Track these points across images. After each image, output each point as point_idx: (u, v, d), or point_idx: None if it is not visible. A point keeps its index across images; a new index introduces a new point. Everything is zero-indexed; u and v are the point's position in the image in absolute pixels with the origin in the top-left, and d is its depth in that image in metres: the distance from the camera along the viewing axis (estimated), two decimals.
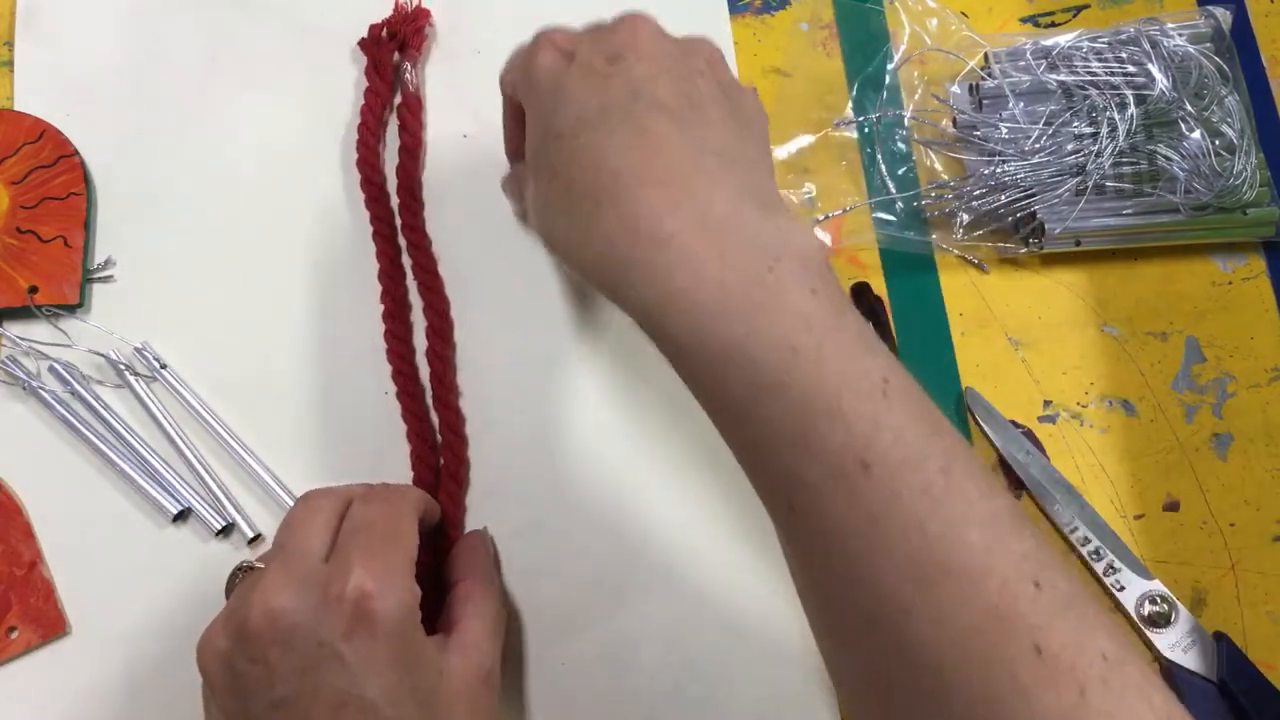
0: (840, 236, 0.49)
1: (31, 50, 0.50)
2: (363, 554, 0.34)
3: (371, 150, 0.48)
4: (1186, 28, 0.49)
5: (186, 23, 0.51)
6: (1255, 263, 0.49)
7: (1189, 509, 0.46)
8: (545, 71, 0.36)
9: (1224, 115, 0.48)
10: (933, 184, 0.49)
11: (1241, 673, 0.42)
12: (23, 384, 0.45)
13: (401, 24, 0.50)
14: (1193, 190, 0.47)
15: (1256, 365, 0.48)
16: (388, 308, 0.46)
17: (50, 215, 0.47)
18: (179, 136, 0.49)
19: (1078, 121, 0.48)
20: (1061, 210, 0.47)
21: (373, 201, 0.48)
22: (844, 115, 0.50)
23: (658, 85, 0.34)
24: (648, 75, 0.34)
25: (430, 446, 0.45)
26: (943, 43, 0.51)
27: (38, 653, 0.42)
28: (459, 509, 0.44)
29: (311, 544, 0.35)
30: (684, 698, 0.42)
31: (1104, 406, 0.47)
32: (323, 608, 0.33)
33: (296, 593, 0.33)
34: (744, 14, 0.52)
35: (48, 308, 0.46)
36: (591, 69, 0.34)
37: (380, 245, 0.47)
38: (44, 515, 0.44)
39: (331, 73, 0.50)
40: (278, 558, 0.35)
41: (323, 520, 0.36)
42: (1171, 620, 0.44)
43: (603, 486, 0.45)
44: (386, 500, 0.38)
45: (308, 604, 0.33)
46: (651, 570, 0.44)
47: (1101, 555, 0.44)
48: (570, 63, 0.35)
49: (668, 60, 0.35)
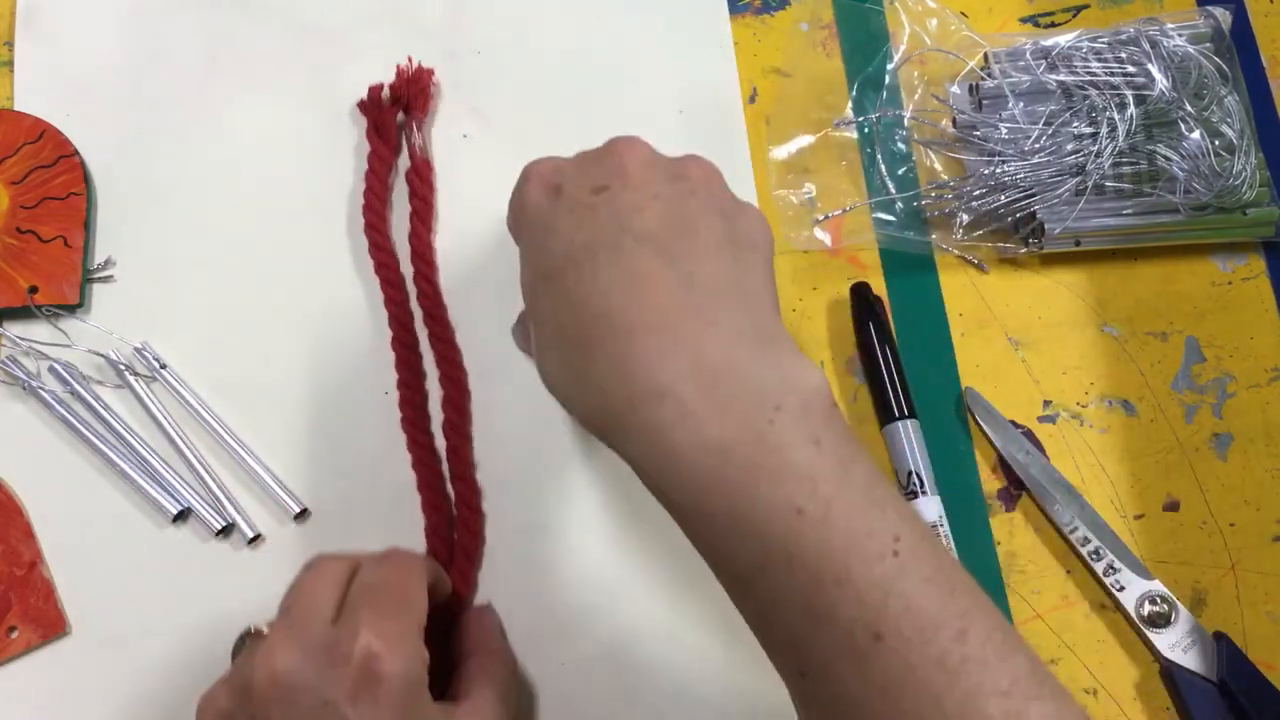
0: (840, 236, 0.49)
1: (31, 50, 0.50)
2: (372, 615, 0.34)
3: (379, 216, 0.47)
4: (1186, 28, 0.49)
5: (186, 23, 0.51)
6: (1255, 263, 0.49)
7: (1189, 509, 0.46)
8: (533, 209, 0.34)
9: (1224, 115, 0.48)
10: (933, 184, 0.49)
11: (1241, 673, 0.42)
12: (23, 384, 0.45)
13: (404, 87, 0.49)
14: (1193, 190, 0.47)
15: (1256, 365, 0.48)
16: (402, 377, 0.45)
17: (50, 215, 0.47)
18: (179, 136, 0.49)
19: (1077, 121, 0.48)
20: (1061, 210, 0.47)
21: (383, 268, 0.46)
22: (844, 115, 0.50)
23: (645, 214, 0.32)
24: (634, 204, 0.32)
25: (445, 520, 0.43)
26: (943, 43, 0.51)
27: (38, 653, 0.42)
28: (469, 585, 0.43)
29: (319, 606, 0.34)
30: (684, 697, 0.42)
31: (1104, 406, 0.47)
32: (328, 669, 0.32)
33: (302, 652, 0.33)
34: (744, 14, 0.52)
35: (48, 308, 0.46)
36: (577, 203, 0.33)
37: (392, 311, 0.46)
38: (44, 515, 0.44)
39: (332, 73, 0.50)
40: (284, 620, 0.34)
41: (330, 582, 0.35)
42: (1171, 620, 0.44)
43: (603, 486, 0.45)
44: (397, 564, 0.37)
45: (313, 664, 0.32)
46: (652, 570, 0.44)
47: (1101, 555, 0.44)
48: (557, 197, 0.34)
49: (656, 184, 0.33)
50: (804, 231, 0.49)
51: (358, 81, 0.50)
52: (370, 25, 0.51)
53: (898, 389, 0.45)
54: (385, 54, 0.51)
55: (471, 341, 0.46)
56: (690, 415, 0.29)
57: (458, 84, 0.50)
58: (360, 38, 0.51)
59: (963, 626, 0.28)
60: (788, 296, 0.48)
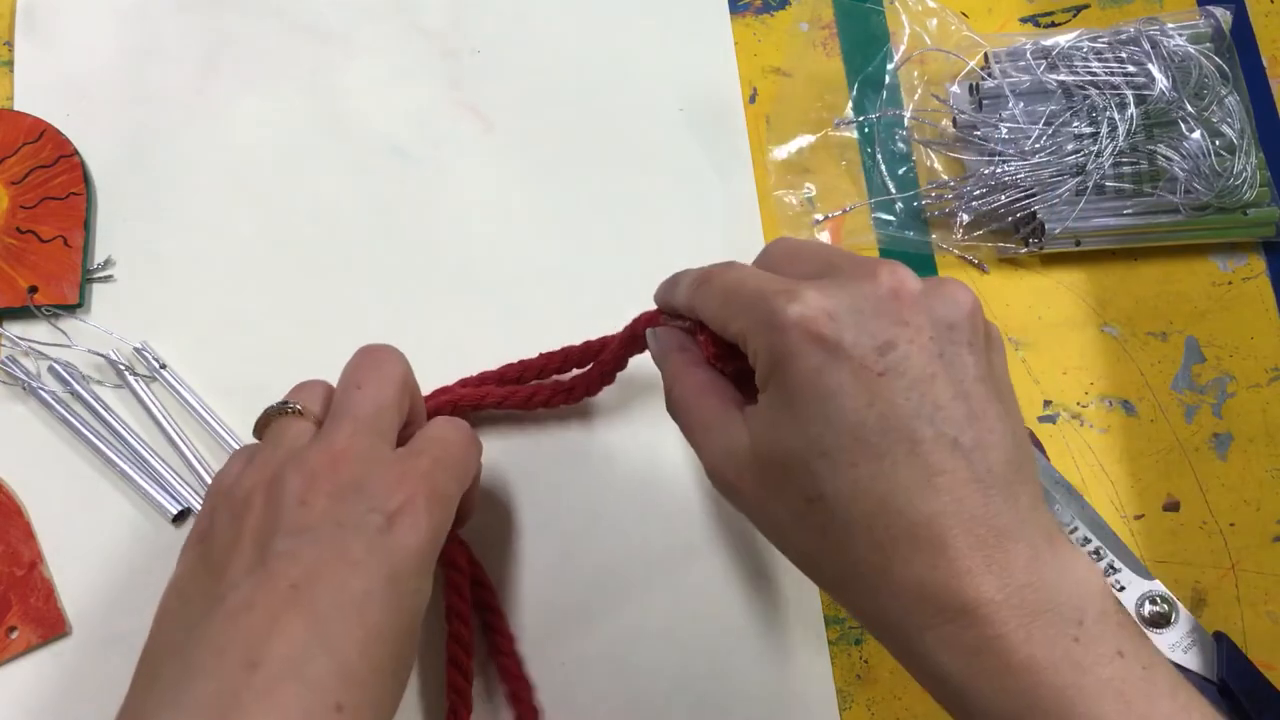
0: (840, 236, 0.49)
1: (31, 50, 0.50)
2: (437, 469, 0.34)
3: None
4: (1186, 28, 0.49)
5: (186, 22, 0.51)
6: (1255, 263, 0.49)
7: (1189, 509, 0.46)
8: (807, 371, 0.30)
9: (1224, 115, 0.48)
10: (933, 184, 0.49)
11: (1241, 673, 0.42)
12: (23, 384, 0.45)
13: None
14: (1193, 190, 0.47)
15: (1256, 365, 0.48)
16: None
17: (50, 215, 0.47)
18: (179, 137, 0.49)
19: (1078, 121, 0.48)
20: (1061, 210, 0.47)
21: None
22: (844, 115, 0.50)
23: (936, 389, 0.29)
24: (923, 376, 0.29)
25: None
26: (943, 43, 0.51)
27: (38, 653, 0.42)
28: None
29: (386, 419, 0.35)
30: (684, 697, 0.42)
31: (1104, 406, 0.47)
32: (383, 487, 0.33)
33: (368, 459, 0.34)
34: (744, 14, 0.52)
35: (48, 308, 0.46)
36: (863, 369, 0.29)
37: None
38: (44, 515, 0.44)
39: (332, 73, 0.50)
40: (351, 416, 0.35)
41: (397, 395, 0.36)
42: (1171, 620, 0.43)
43: (604, 485, 0.45)
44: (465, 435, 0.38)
45: (372, 468, 0.33)
46: (653, 570, 0.44)
47: (1102, 555, 0.44)
48: (836, 357, 0.29)
49: (937, 340, 0.30)
50: (804, 232, 0.49)
51: (358, 81, 0.50)
52: (370, 25, 0.51)
53: None
54: (385, 54, 0.51)
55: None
56: (1000, 637, 0.28)
57: (458, 84, 0.51)
58: (360, 38, 0.51)
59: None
60: None
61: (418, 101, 0.50)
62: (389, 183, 0.49)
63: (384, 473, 0.34)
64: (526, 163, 0.50)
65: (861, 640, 0.44)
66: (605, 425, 0.46)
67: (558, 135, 0.50)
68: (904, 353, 0.29)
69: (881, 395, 0.29)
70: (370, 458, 0.34)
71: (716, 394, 0.34)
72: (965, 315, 0.31)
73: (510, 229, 0.48)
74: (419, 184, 0.49)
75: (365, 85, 0.50)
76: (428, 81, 0.51)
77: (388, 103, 0.50)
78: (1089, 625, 0.29)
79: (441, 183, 0.49)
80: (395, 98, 0.50)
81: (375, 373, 0.37)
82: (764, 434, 0.31)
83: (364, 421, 0.35)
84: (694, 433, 0.34)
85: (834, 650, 0.44)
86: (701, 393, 0.34)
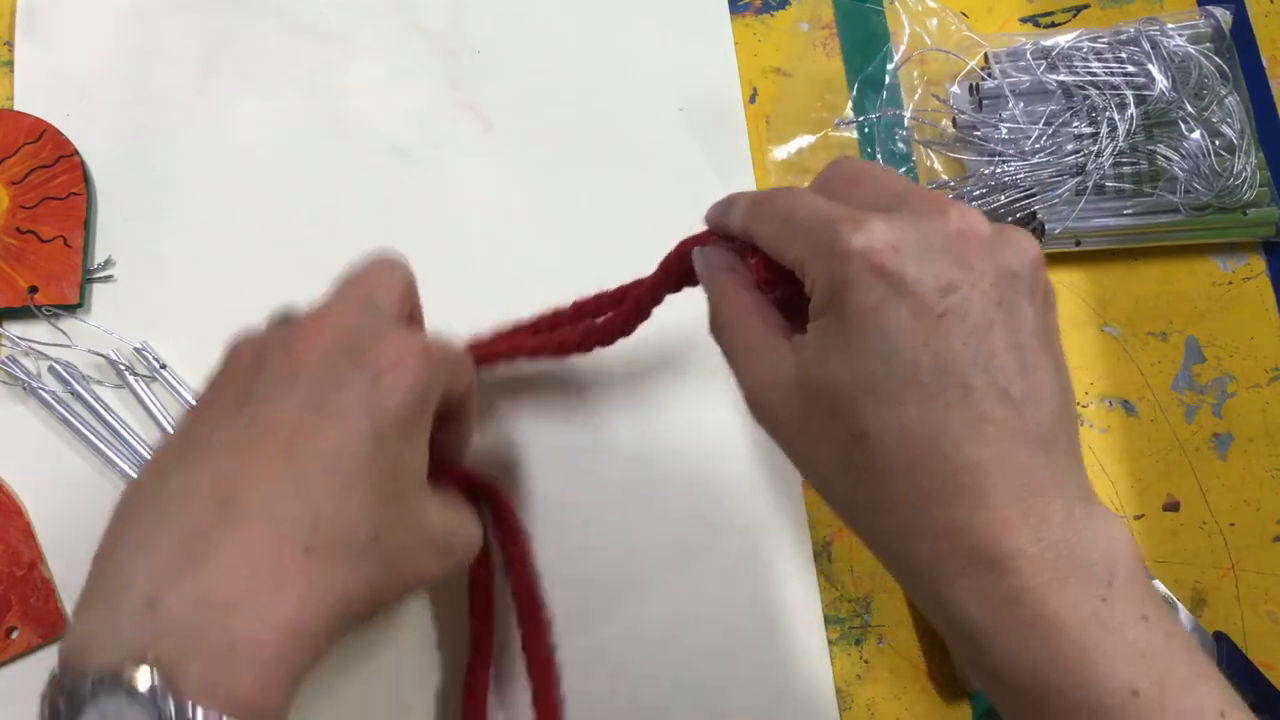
0: None
1: (31, 50, 0.50)
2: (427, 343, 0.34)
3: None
4: (1186, 28, 0.49)
5: (186, 22, 0.51)
6: (1255, 263, 0.49)
7: (1189, 509, 0.46)
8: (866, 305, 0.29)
9: (1224, 115, 0.48)
10: (933, 184, 0.49)
11: (1241, 673, 0.42)
12: (23, 384, 0.45)
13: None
14: (1193, 190, 0.47)
15: (1256, 365, 0.48)
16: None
17: (50, 215, 0.47)
18: (179, 137, 0.49)
19: (1078, 121, 0.48)
20: (1061, 210, 0.47)
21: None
22: (844, 115, 0.50)
23: (993, 336, 0.29)
24: (984, 321, 0.29)
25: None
26: (943, 43, 0.51)
27: (38, 653, 0.42)
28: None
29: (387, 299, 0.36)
30: (684, 697, 0.42)
31: (1104, 406, 0.47)
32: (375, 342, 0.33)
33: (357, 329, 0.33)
34: (744, 14, 0.52)
35: (48, 308, 0.46)
36: (925, 309, 0.28)
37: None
38: (44, 515, 0.44)
39: (332, 73, 0.50)
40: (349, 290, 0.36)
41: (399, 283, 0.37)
42: None
43: (604, 486, 0.45)
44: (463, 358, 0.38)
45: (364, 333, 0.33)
46: (653, 570, 0.44)
47: None
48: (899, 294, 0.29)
49: (998, 287, 0.29)
50: None
51: (358, 81, 0.50)
52: (370, 25, 0.51)
53: None
54: (385, 54, 0.51)
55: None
56: (1029, 590, 0.28)
57: (458, 84, 0.51)
58: (360, 38, 0.51)
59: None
60: None
61: (418, 101, 0.50)
62: (389, 183, 0.49)
63: (374, 338, 0.33)
64: (526, 163, 0.50)
65: (862, 640, 0.44)
66: (605, 425, 0.46)
67: (558, 135, 0.50)
68: (965, 296, 0.29)
69: (939, 336, 0.28)
70: (362, 325, 0.34)
71: (764, 318, 0.33)
72: (1029, 266, 0.30)
73: (510, 229, 0.48)
74: (419, 184, 0.49)
75: (365, 85, 0.50)
76: (428, 81, 0.51)
77: (388, 103, 0.50)
78: (1118, 586, 0.29)
79: (441, 183, 0.49)
80: (395, 98, 0.50)
81: (379, 265, 0.37)
82: (812, 363, 0.30)
83: (360, 296, 0.35)
84: (738, 356, 0.33)
85: (834, 650, 0.44)
86: (749, 315, 0.33)
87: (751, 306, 0.33)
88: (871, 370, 0.29)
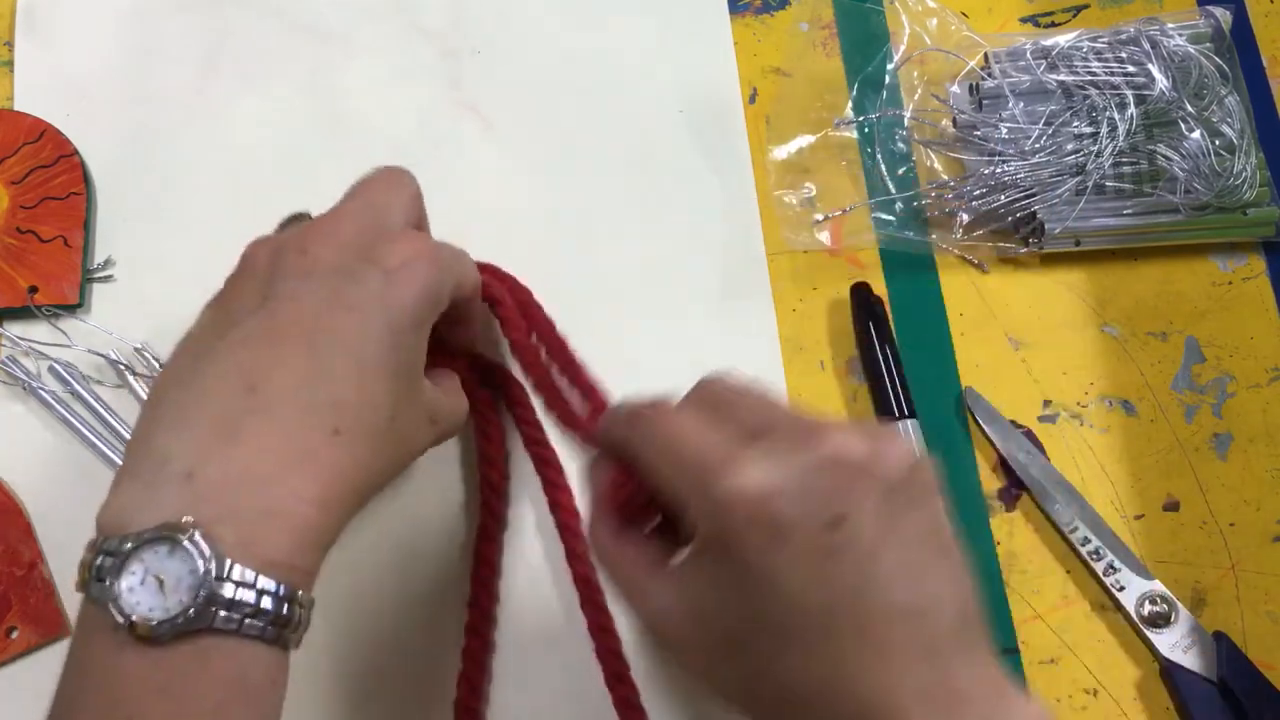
0: (840, 236, 0.49)
1: (31, 50, 0.50)
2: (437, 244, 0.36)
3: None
4: (1186, 28, 0.49)
5: (186, 22, 0.51)
6: (1255, 263, 0.49)
7: (1189, 509, 0.46)
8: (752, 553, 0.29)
9: (1224, 115, 0.48)
10: (933, 184, 0.49)
11: (1241, 673, 0.42)
12: (23, 384, 0.45)
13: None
14: (1193, 190, 0.47)
15: (1256, 365, 0.48)
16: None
17: (50, 215, 0.47)
18: (179, 136, 0.49)
19: (1078, 121, 0.48)
20: (1061, 210, 0.47)
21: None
22: (844, 115, 0.50)
23: (885, 559, 0.28)
24: (872, 547, 0.28)
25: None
26: (943, 43, 0.51)
27: (38, 653, 0.42)
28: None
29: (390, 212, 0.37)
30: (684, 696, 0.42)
31: (1104, 406, 0.47)
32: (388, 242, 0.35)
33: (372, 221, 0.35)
34: (744, 14, 0.52)
35: (48, 308, 0.46)
36: (813, 549, 0.28)
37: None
38: (44, 515, 0.44)
39: (332, 73, 0.50)
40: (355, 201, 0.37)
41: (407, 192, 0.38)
42: (1171, 620, 0.44)
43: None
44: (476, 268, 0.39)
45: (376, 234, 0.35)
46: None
47: (1101, 555, 0.44)
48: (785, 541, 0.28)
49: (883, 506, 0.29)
50: (804, 232, 0.49)
51: (358, 81, 0.50)
52: (370, 25, 0.51)
53: (898, 389, 0.45)
54: (385, 54, 0.51)
55: None
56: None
57: (458, 84, 0.50)
58: (360, 38, 0.51)
59: None
60: (788, 297, 0.48)
61: (418, 101, 0.50)
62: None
63: (386, 238, 0.35)
64: (526, 163, 0.50)
65: None
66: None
67: (558, 135, 0.50)
68: (854, 525, 0.28)
69: (827, 573, 0.28)
70: (374, 225, 0.35)
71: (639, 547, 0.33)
72: (907, 470, 0.30)
73: (510, 229, 0.48)
74: (419, 184, 0.49)
75: (365, 85, 0.50)
76: (428, 81, 0.51)
77: (388, 103, 0.50)
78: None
79: (441, 183, 0.49)
80: (395, 98, 0.50)
81: (387, 174, 0.38)
82: (701, 598, 0.30)
83: (371, 202, 0.37)
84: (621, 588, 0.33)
85: None
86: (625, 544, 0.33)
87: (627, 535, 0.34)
88: (763, 611, 0.29)
